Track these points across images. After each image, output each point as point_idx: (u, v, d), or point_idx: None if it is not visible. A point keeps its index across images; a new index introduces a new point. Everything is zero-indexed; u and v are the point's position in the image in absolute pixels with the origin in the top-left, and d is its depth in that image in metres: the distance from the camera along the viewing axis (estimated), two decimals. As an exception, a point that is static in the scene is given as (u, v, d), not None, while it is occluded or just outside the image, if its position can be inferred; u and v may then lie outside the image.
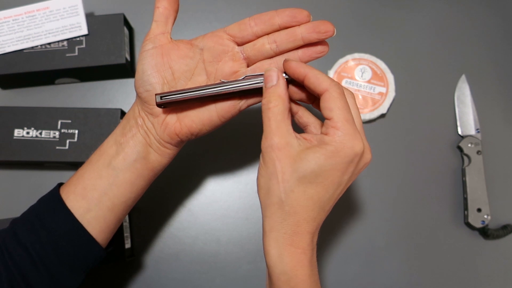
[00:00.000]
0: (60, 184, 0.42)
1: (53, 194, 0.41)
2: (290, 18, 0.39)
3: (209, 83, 0.41)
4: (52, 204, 0.40)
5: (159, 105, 0.39)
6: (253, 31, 0.40)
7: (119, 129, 0.42)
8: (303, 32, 0.39)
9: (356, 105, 0.38)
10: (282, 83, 0.37)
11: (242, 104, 0.41)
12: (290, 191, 0.35)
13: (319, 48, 0.40)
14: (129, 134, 0.41)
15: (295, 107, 0.41)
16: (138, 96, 0.41)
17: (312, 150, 0.35)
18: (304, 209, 0.35)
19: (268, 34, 0.40)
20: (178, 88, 0.40)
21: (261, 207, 0.37)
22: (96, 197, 0.40)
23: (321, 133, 0.36)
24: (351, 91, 0.39)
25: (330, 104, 0.35)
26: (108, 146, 0.41)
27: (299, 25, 0.39)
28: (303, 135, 0.37)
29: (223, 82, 0.39)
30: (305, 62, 0.40)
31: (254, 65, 0.41)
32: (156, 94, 0.39)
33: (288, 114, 0.37)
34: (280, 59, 0.40)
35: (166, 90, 0.40)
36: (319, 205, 0.35)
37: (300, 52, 0.40)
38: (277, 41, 0.40)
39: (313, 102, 0.40)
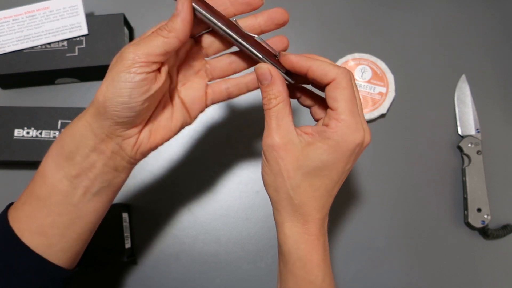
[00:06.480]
0: (6, 210, 0.37)
1: (6, 231, 0.36)
2: (245, 5, 0.37)
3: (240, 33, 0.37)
4: (9, 243, 0.36)
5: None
6: None
7: (62, 159, 0.35)
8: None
9: (355, 85, 0.37)
10: (278, 80, 0.36)
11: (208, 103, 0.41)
12: (296, 186, 0.36)
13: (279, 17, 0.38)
14: (84, 164, 0.35)
15: (297, 93, 0.40)
16: (109, 117, 0.34)
17: (314, 147, 0.35)
18: (313, 200, 0.36)
19: None
20: None
21: (271, 202, 0.38)
22: (58, 233, 0.36)
23: (323, 124, 0.36)
24: (350, 71, 0.37)
25: (336, 94, 0.34)
26: (56, 179, 0.35)
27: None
28: (303, 129, 0.36)
29: (253, 36, 0.37)
30: (267, 32, 0.38)
31: None
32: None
33: (289, 110, 0.36)
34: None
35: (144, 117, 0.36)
36: (326, 193, 0.36)
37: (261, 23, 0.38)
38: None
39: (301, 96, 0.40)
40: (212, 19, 0.36)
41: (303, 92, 0.40)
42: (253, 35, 0.37)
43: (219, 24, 0.36)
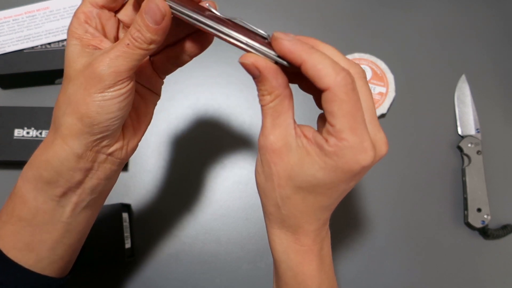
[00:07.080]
0: None
1: None
2: None
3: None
4: None
5: None
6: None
7: (42, 183, 0.33)
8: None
9: (369, 89, 0.31)
10: (269, 75, 0.30)
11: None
12: (286, 197, 0.32)
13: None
14: (69, 184, 0.33)
15: (296, 78, 0.33)
16: (95, 132, 0.31)
17: (310, 160, 0.30)
18: (304, 214, 0.32)
19: None
20: None
21: (261, 203, 0.34)
22: (47, 248, 0.34)
23: (323, 135, 0.30)
24: (361, 69, 0.31)
25: (333, 108, 0.28)
26: (39, 202, 0.33)
27: None
28: (304, 130, 0.31)
29: (235, 21, 0.31)
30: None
31: None
32: None
33: (287, 105, 0.31)
34: None
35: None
36: (321, 208, 0.32)
37: None
38: None
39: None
40: (189, 14, 0.31)
41: (303, 77, 0.31)
42: (233, 17, 0.31)
43: (196, 18, 0.31)
